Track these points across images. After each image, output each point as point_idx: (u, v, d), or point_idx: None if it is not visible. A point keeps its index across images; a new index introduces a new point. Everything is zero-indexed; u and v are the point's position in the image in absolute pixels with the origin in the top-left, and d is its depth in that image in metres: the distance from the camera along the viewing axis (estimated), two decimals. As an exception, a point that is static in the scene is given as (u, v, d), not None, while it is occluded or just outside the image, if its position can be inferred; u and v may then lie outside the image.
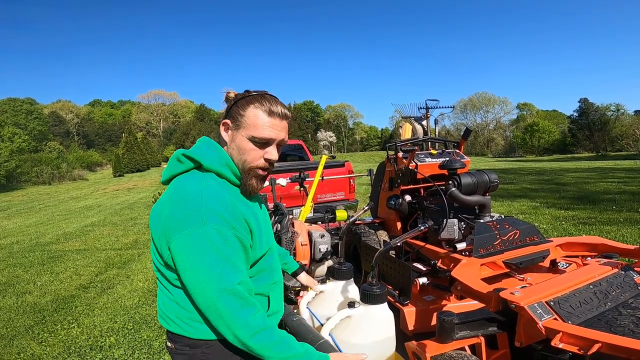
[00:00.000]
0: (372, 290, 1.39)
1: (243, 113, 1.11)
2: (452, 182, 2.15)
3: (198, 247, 0.97)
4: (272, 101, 1.12)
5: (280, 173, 5.06)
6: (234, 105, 1.13)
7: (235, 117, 1.12)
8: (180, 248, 0.99)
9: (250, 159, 1.12)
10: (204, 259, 0.97)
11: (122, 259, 6.21)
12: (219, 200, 1.03)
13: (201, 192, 1.03)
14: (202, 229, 0.98)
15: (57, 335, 3.53)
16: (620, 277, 1.51)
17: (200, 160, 1.10)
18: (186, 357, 1.11)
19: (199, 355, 1.10)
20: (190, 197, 1.02)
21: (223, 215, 1.01)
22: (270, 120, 1.11)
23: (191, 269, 0.98)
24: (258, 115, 1.10)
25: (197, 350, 1.10)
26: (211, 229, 0.98)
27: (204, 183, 1.06)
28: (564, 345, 1.14)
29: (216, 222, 0.99)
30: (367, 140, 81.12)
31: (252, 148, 1.12)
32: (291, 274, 1.66)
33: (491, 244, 1.89)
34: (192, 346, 1.10)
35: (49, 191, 29.89)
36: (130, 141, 45.72)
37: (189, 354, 1.11)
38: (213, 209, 1.00)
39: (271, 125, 1.11)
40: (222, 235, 0.99)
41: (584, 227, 5.75)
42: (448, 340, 1.33)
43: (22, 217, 14.05)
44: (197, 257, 0.97)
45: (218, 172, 1.11)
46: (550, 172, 16.06)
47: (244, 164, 1.13)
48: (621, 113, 53.63)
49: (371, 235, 2.79)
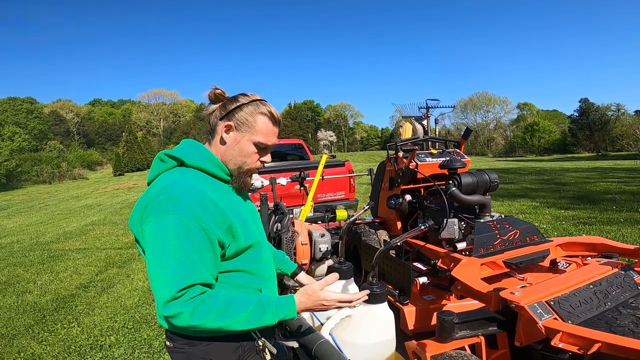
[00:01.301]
0: (372, 290, 1.39)
1: (252, 119, 1.15)
2: (452, 182, 2.15)
3: (159, 235, 1.00)
4: (274, 109, 1.19)
5: (280, 172, 5.06)
6: (238, 108, 1.16)
7: (241, 121, 1.15)
8: (147, 235, 1.03)
9: (251, 161, 1.19)
10: (163, 247, 0.99)
11: (122, 258, 6.21)
12: (189, 192, 1.05)
13: (172, 184, 1.06)
14: (165, 218, 1.00)
15: (57, 335, 3.53)
16: (620, 277, 1.51)
17: (182, 157, 1.14)
18: (185, 356, 1.12)
19: (198, 353, 1.11)
20: (160, 190, 1.06)
21: (189, 206, 1.03)
22: (273, 129, 1.19)
23: (151, 255, 1.01)
24: (267, 123, 1.16)
25: (195, 349, 1.11)
26: (173, 218, 1.00)
27: (178, 176, 1.10)
28: (564, 345, 1.14)
29: (180, 212, 1.01)
30: (367, 140, 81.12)
31: (255, 152, 1.18)
32: (290, 274, 1.66)
33: (491, 244, 1.89)
34: (190, 344, 1.11)
35: (49, 190, 29.90)
36: (131, 140, 45.73)
37: (187, 352, 1.11)
38: (179, 200, 1.03)
39: (274, 133, 1.20)
40: (183, 225, 1.01)
41: (584, 227, 5.75)
42: (448, 339, 1.33)
43: (22, 216, 14.05)
44: (157, 245, 1.00)
45: (201, 168, 1.15)
46: (551, 171, 16.06)
47: (243, 165, 1.19)
48: (622, 113, 53.60)
49: (371, 234, 2.78)
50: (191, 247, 1.01)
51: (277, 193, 3.63)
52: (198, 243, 1.02)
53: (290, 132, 59.50)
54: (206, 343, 1.10)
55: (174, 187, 1.05)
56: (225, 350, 1.11)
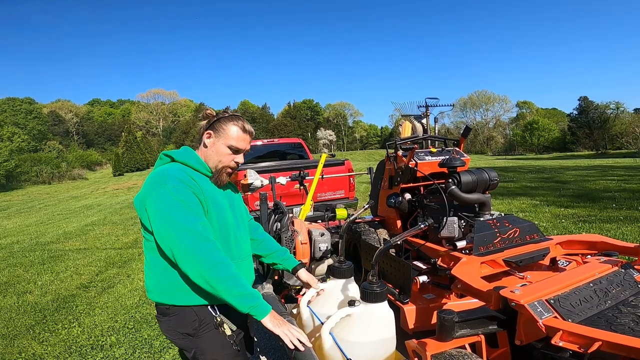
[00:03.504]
0: (372, 289, 1.39)
1: (225, 127, 1.47)
2: (452, 180, 2.15)
3: (162, 201, 1.28)
4: (245, 121, 1.52)
5: (280, 171, 5.06)
6: (217, 120, 1.49)
7: (217, 129, 1.48)
8: (151, 204, 1.30)
9: (225, 160, 1.49)
10: (169, 207, 1.27)
11: (122, 258, 6.21)
12: (177, 170, 1.38)
13: (165, 168, 1.40)
14: (164, 187, 1.30)
15: (58, 335, 3.53)
16: (620, 275, 1.51)
17: (173, 156, 1.47)
18: (161, 324, 1.41)
19: (166, 322, 1.38)
20: (157, 172, 1.39)
21: (181, 178, 1.34)
22: (243, 136, 1.49)
23: (160, 217, 1.27)
24: (238, 131, 1.48)
25: (165, 318, 1.38)
26: (171, 187, 1.30)
27: (171, 166, 1.42)
28: (564, 344, 1.14)
29: (175, 182, 1.32)
30: (366, 139, 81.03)
31: (228, 153, 1.48)
32: (291, 270, 1.70)
33: (491, 242, 1.89)
34: (163, 314, 1.39)
35: (49, 191, 29.88)
36: (130, 140, 45.70)
37: (162, 321, 1.40)
38: (173, 175, 1.34)
39: (244, 139, 1.50)
40: (180, 191, 1.31)
41: (584, 225, 5.75)
42: (448, 338, 1.33)
43: (22, 217, 14.04)
44: (163, 207, 1.28)
45: (185, 163, 1.45)
46: (550, 170, 16.07)
47: (219, 163, 1.48)
48: (621, 111, 53.54)
49: (371, 233, 2.78)
50: (188, 201, 1.31)
51: (277, 192, 3.62)
52: (192, 200, 1.32)
53: (289, 131, 59.39)
54: (172, 314, 1.37)
55: (165, 169, 1.38)
56: (184, 320, 1.36)
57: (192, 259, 1.22)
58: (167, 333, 1.41)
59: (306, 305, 1.69)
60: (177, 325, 1.37)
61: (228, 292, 1.22)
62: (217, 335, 1.38)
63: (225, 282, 1.22)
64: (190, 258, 1.22)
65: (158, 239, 1.29)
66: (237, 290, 1.23)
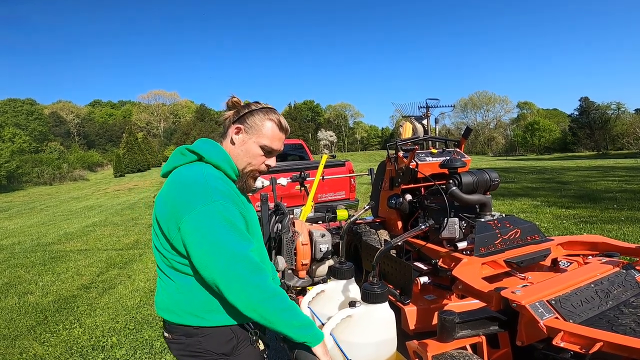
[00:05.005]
0: (373, 290, 1.39)
1: (260, 123, 1.26)
2: (452, 181, 2.14)
3: (210, 221, 1.07)
4: (281, 116, 1.30)
5: (280, 172, 5.06)
6: (249, 113, 1.26)
7: (250, 124, 1.26)
8: (192, 225, 1.07)
9: (255, 162, 1.28)
10: (217, 230, 1.06)
11: (123, 259, 6.22)
12: (220, 182, 1.16)
13: (204, 176, 1.15)
14: (212, 205, 1.08)
15: (59, 336, 3.54)
16: (622, 276, 1.50)
17: (202, 154, 1.22)
18: (182, 346, 1.19)
19: (194, 344, 1.17)
20: (194, 180, 1.13)
21: (227, 193, 1.14)
22: (279, 134, 1.29)
23: (204, 242, 1.06)
24: (273, 128, 1.27)
25: (192, 340, 1.18)
26: (220, 204, 1.09)
27: (205, 170, 1.18)
28: (565, 344, 1.14)
29: (223, 199, 1.11)
30: (367, 140, 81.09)
31: (260, 154, 1.28)
32: None
33: (492, 243, 1.89)
34: (187, 335, 1.18)
35: (50, 192, 29.93)
36: (131, 141, 45.76)
37: (185, 343, 1.19)
38: (217, 188, 1.12)
39: (280, 139, 1.30)
40: (229, 210, 1.11)
41: (585, 226, 5.74)
42: (449, 339, 1.32)
43: (23, 218, 14.07)
44: (209, 230, 1.06)
45: (217, 165, 1.23)
46: (551, 170, 16.05)
47: (247, 165, 1.28)
48: (622, 111, 53.50)
49: (372, 234, 2.78)
50: (237, 222, 1.12)
51: (278, 193, 3.62)
52: (240, 220, 1.14)
53: (290, 132, 59.30)
54: (202, 335, 1.17)
55: (208, 178, 1.14)
56: (220, 341, 1.18)
57: (244, 292, 1.05)
58: (189, 356, 1.19)
59: (307, 306, 1.69)
60: (211, 346, 1.18)
61: (286, 323, 1.09)
62: (253, 350, 1.26)
63: (282, 314, 1.09)
64: (241, 290, 1.05)
65: (199, 265, 1.08)
66: (296, 321, 1.11)
